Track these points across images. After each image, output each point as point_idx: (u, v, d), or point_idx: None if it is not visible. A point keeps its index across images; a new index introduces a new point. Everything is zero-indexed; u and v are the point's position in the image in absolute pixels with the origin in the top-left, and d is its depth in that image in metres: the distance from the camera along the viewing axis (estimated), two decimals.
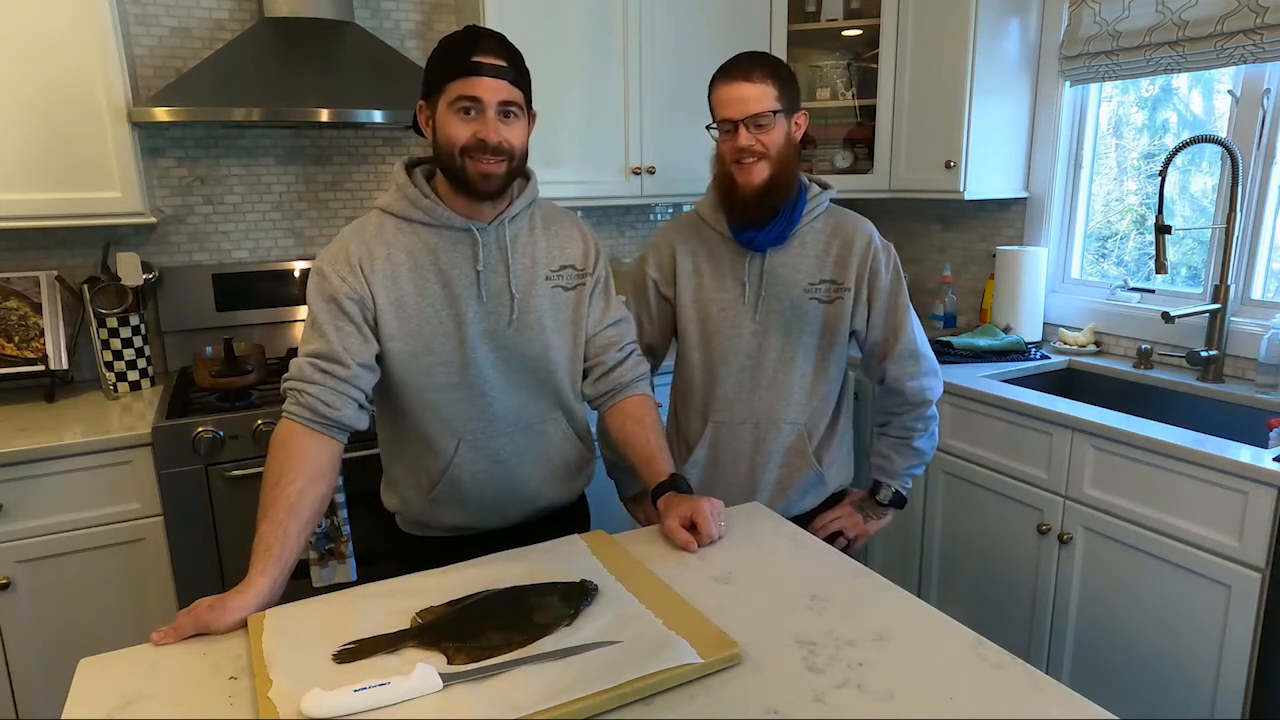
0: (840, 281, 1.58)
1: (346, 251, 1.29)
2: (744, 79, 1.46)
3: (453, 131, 1.25)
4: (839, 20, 2.80)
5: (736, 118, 1.46)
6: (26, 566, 1.88)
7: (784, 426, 1.62)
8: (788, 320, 1.59)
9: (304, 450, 1.23)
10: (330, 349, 1.26)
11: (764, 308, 1.58)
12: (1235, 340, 2.16)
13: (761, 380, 1.61)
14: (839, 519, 1.71)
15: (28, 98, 1.95)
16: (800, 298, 1.58)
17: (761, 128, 1.47)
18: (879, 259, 1.58)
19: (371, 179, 2.64)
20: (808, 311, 1.58)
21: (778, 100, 1.47)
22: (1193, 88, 2.37)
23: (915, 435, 1.66)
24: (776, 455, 1.64)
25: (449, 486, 1.41)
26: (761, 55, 1.50)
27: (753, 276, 1.58)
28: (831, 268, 1.58)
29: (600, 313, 1.45)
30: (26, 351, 2.17)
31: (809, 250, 1.58)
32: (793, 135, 1.52)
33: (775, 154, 1.48)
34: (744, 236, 1.55)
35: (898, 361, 1.61)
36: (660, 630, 1.00)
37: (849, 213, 1.62)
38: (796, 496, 1.67)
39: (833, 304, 1.59)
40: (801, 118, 1.53)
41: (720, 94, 1.49)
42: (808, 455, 1.64)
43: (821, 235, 1.59)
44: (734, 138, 1.48)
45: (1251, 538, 1.65)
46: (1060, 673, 2.05)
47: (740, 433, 1.64)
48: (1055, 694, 0.91)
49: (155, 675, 0.97)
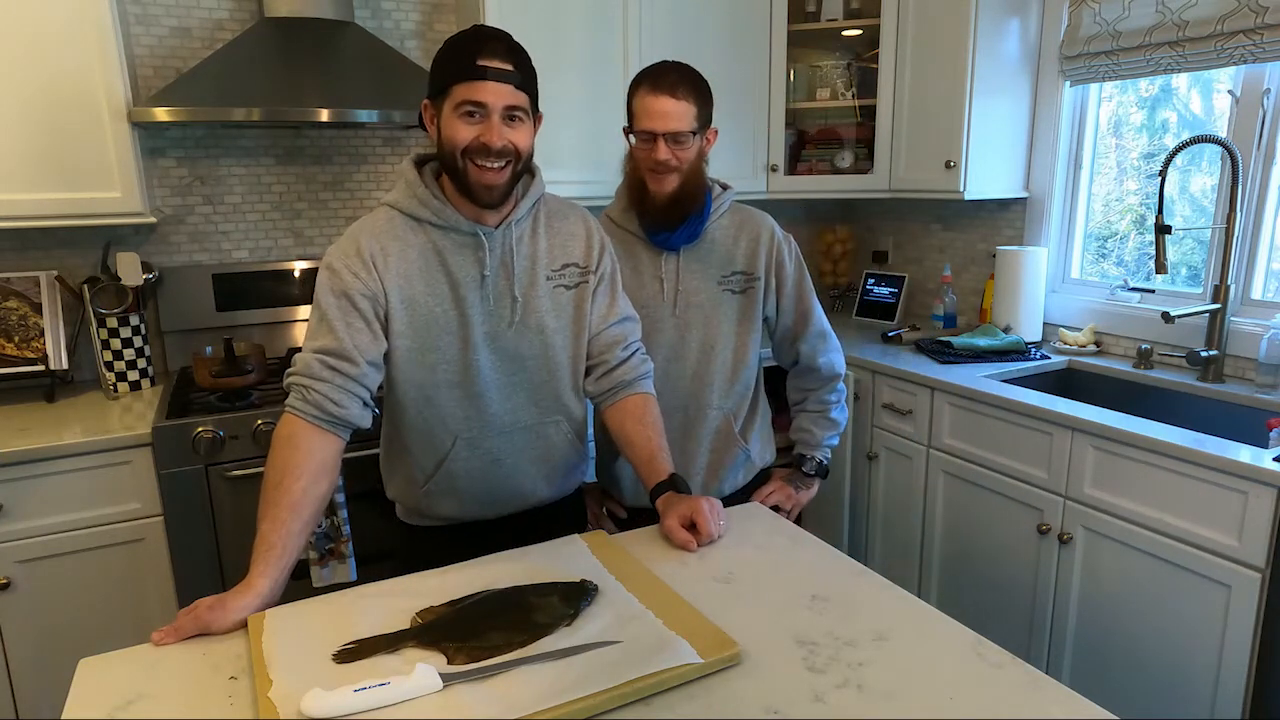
0: (750, 272, 1.67)
1: (359, 247, 1.29)
2: (669, 95, 1.51)
3: (456, 134, 1.25)
4: (839, 20, 2.80)
5: (658, 130, 1.51)
6: (26, 566, 1.88)
7: (710, 412, 1.70)
8: (705, 313, 1.66)
9: (308, 448, 1.22)
10: (340, 346, 1.25)
11: (682, 302, 1.65)
12: (1235, 340, 2.16)
13: (685, 371, 1.68)
14: (773, 493, 1.79)
15: (28, 98, 1.95)
16: (715, 290, 1.66)
17: (679, 144, 1.53)
18: (782, 250, 1.69)
19: (371, 179, 2.64)
20: (723, 303, 1.66)
21: (696, 119, 1.53)
22: (1192, 88, 2.37)
23: (830, 407, 1.81)
24: (705, 439, 1.71)
25: (443, 480, 1.42)
26: (686, 71, 1.55)
27: (669, 274, 1.65)
28: (742, 259, 1.67)
29: (605, 310, 1.45)
30: (26, 351, 2.17)
31: (719, 246, 1.67)
32: (704, 149, 1.60)
33: (687, 168, 1.56)
34: (659, 238, 1.63)
35: (809, 341, 1.75)
36: (660, 630, 1.00)
37: (751, 209, 1.72)
38: (727, 476, 1.75)
39: (745, 294, 1.68)
40: (712, 134, 1.61)
41: (645, 104, 1.53)
42: (734, 436, 1.72)
43: (730, 230, 1.67)
44: (653, 149, 1.53)
45: (1251, 538, 1.65)
46: (1060, 673, 2.05)
47: (670, 422, 1.66)
48: (1055, 694, 0.91)
49: (155, 675, 0.97)
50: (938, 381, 2.28)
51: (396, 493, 1.50)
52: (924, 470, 2.38)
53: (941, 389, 2.28)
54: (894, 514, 2.52)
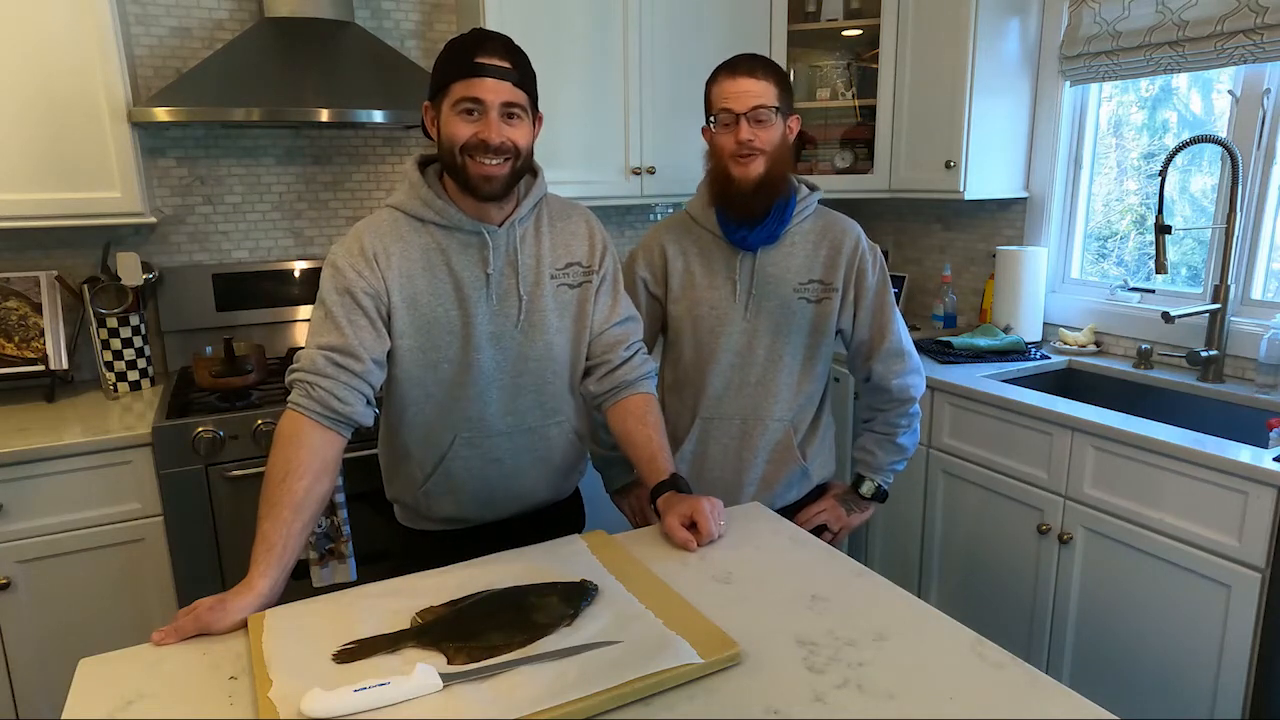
0: (829, 282, 1.61)
1: (362, 245, 1.29)
2: (748, 74, 1.49)
3: (455, 131, 1.25)
4: (839, 20, 2.80)
5: (739, 110, 1.48)
6: (26, 566, 1.88)
7: (771, 423, 1.65)
8: (777, 319, 1.61)
9: (311, 446, 1.22)
10: (345, 342, 1.25)
11: (754, 307, 1.60)
12: (1235, 340, 2.16)
13: (750, 378, 1.63)
14: (822, 512, 1.72)
15: (28, 98, 1.95)
16: (789, 297, 1.60)
17: (761, 123, 1.49)
18: (866, 260, 1.62)
19: (371, 179, 2.64)
20: (796, 311, 1.61)
21: (778, 99, 1.50)
22: (1192, 88, 2.37)
23: (899, 431, 1.69)
24: (763, 451, 1.66)
25: (442, 479, 1.42)
26: (761, 56, 1.53)
27: (744, 275, 1.60)
28: (821, 268, 1.61)
29: (607, 310, 1.45)
30: (26, 351, 2.17)
31: (798, 250, 1.60)
32: (787, 136, 1.54)
33: (772, 151, 1.51)
34: (736, 235, 1.57)
35: (883, 360, 1.64)
36: (660, 630, 1.00)
37: (837, 214, 1.65)
38: (781, 490, 1.69)
39: (820, 304, 1.61)
40: (795, 121, 1.56)
41: (723, 87, 1.51)
42: (793, 450, 1.66)
43: (811, 236, 1.61)
44: (734, 131, 1.50)
45: (1251, 538, 1.65)
46: (1060, 673, 2.05)
47: (728, 429, 1.66)
48: (1055, 694, 0.91)
49: (155, 675, 0.97)
50: (938, 381, 2.28)
51: (396, 493, 1.50)
52: (924, 470, 2.38)
53: (941, 389, 2.28)
54: (894, 514, 2.52)
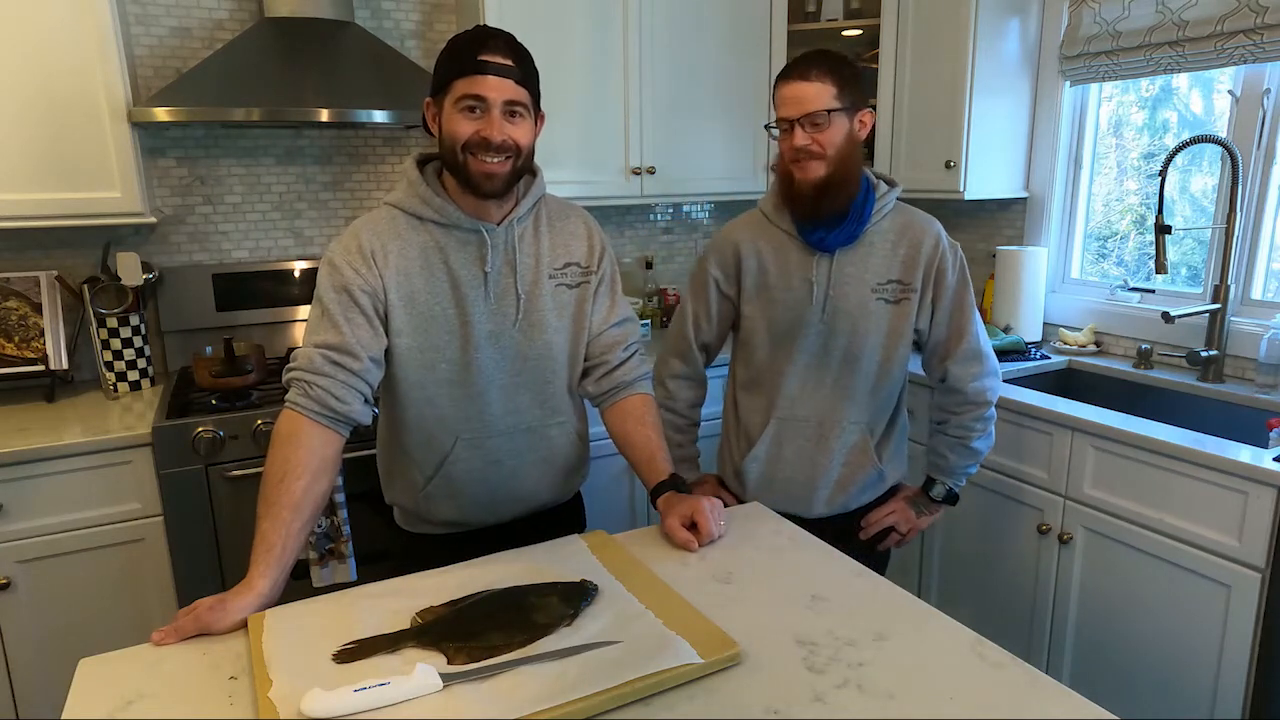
0: (908, 282, 1.57)
1: (359, 243, 1.29)
2: (800, 78, 1.46)
3: (457, 128, 1.25)
4: (839, 20, 2.80)
5: (792, 116, 1.47)
6: (26, 566, 1.88)
7: (848, 426, 1.62)
8: (854, 320, 1.57)
9: (310, 445, 1.22)
10: (343, 341, 1.25)
11: (831, 307, 1.57)
12: (1235, 340, 2.16)
13: (826, 379, 1.61)
14: (892, 514, 1.71)
15: (28, 98, 1.95)
16: (867, 298, 1.56)
17: (817, 126, 1.46)
18: (946, 259, 1.58)
19: (371, 179, 2.64)
20: (874, 312, 1.57)
21: (836, 99, 1.45)
22: (1193, 88, 2.37)
23: (973, 435, 1.65)
24: (839, 454, 1.63)
25: (443, 482, 1.41)
26: (823, 53, 1.49)
27: (821, 276, 1.56)
28: (899, 268, 1.57)
29: (605, 311, 1.45)
30: (26, 351, 2.17)
31: (877, 250, 1.57)
32: (855, 134, 1.50)
33: (833, 153, 1.47)
34: (814, 237, 1.54)
35: (960, 362, 1.61)
36: (660, 630, 1.00)
37: (916, 211, 1.61)
38: (856, 493, 1.67)
39: (899, 304, 1.58)
40: (867, 114, 1.51)
41: (779, 93, 1.49)
42: (869, 454, 1.64)
43: (890, 235, 1.57)
44: (791, 137, 1.48)
45: (1251, 538, 1.65)
46: (1060, 673, 2.05)
47: (804, 430, 1.63)
48: (1055, 694, 0.91)
49: (155, 675, 0.97)
50: None
51: (395, 497, 1.49)
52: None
53: None
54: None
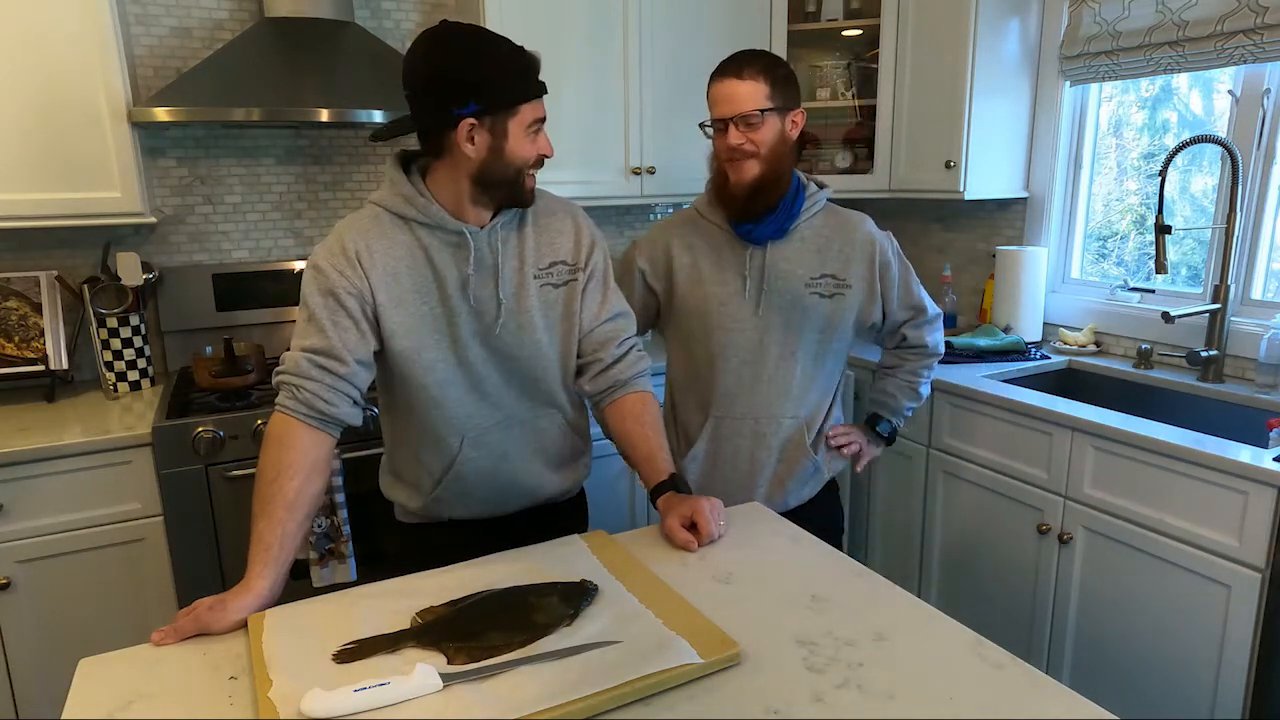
0: (842, 278, 1.60)
1: (343, 245, 1.28)
2: (734, 77, 1.47)
3: (525, 151, 1.27)
4: (839, 20, 2.80)
5: (726, 115, 1.48)
6: (26, 566, 1.88)
7: (784, 421, 1.64)
8: (788, 315, 1.60)
9: (301, 446, 1.22)
10: (328, 345, 1.25)
11: (765, 302, 1.59)
12: (1235, 340, 2.16)
13: (762, 375, 1.62)
14: (851, 432, 1.77)
15: (28, 98, 1.95)
16: (801, 293, 1.59)
17: (751, 125, 1.47)
18: (886, 251, 1.63)
19: (371, 179, 2.64)
20: (809, 307, 1.60)
21: (769, 98, 1.47)
22: (1193, 88, 2.37)
23: (921, 381, 1.80)
24: (776, 449, 1.66)
25: (453, 483, 1.41)
26: (757, 53, 1.50)
27: (754, 270, 1.59)
28: (833, 263, 1.60)
29: (597, 307, 1.43)
30: (26, 351, 2.17)
31: (809, 245, 1.59)
32: (787, 133, 1.52)
33: (766, 152, 1.49)
34: (743, 229, 1.57)
35: (916, 326, 1.74)
36: (660, 630, 1.00)
37: (847, 211, 1.65)
38: (794, 488, 1.69)
39: (833, 299, 1.60)
40: (799, 115, 1.53)
41: (713, 92, 1.50)
42: (805, 447, 1.67)
43: (823, 231, 1.60)
44: (725, 136, 1.49)
45: (1251, 538, 1.65)
46: (1060, 673, 2.05)
47: (741, 427, 1.65)
48: (1055, 694, 0.91)
49: (155, 675, 0.97)
50: (938, 381, 2.28)
51: (399, 497, 1.49)
52: (924, 470, 2.38)
53: (941, 389, 2.28)
54: (894, 514, 2.52)
